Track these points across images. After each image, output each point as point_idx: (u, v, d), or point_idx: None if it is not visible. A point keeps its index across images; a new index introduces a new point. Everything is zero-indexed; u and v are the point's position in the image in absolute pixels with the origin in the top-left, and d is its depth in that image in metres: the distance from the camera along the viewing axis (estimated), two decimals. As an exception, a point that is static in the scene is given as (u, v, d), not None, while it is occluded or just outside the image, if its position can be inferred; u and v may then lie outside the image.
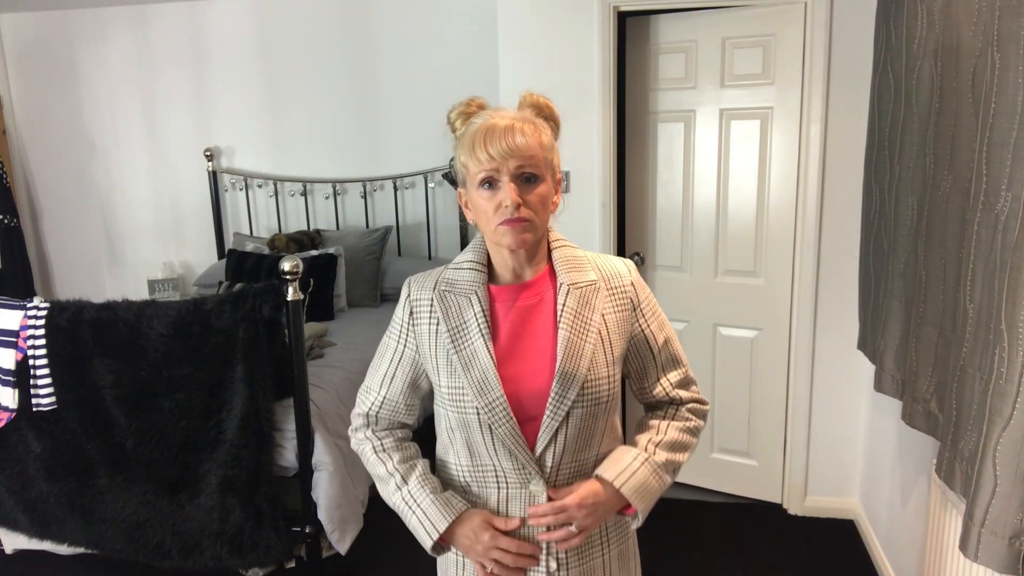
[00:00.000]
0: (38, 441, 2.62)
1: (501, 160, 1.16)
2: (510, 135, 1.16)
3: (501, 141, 1.15)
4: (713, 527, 3.10)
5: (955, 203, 1.75)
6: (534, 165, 1.18)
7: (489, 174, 1.18)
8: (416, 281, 1.32)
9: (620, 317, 1.28)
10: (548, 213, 1.24)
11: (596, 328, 1.25)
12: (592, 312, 1.25)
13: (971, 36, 1.64)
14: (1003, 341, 1.40)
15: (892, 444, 2.62)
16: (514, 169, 1.17)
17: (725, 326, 3.23)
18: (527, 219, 1.18)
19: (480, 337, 1.24)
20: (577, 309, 1.24)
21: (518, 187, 1.17)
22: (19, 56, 4.71)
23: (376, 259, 4.12)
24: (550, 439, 1.22)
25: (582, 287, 1.26)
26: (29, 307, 2.56)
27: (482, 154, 1.16)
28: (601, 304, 1.26)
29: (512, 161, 1.16)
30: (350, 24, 4.32)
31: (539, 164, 1.19)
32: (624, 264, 1.33)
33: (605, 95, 3.04)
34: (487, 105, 1.26)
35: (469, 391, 1.22)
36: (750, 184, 3.07)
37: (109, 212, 4.86)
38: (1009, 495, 1.39)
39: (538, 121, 1.22)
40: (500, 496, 1.28)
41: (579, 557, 1.31)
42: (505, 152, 1.15)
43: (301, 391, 2.52)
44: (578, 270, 1.27)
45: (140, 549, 2.60)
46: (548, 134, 1.23)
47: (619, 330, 1.28)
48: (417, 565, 2.86)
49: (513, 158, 1.16)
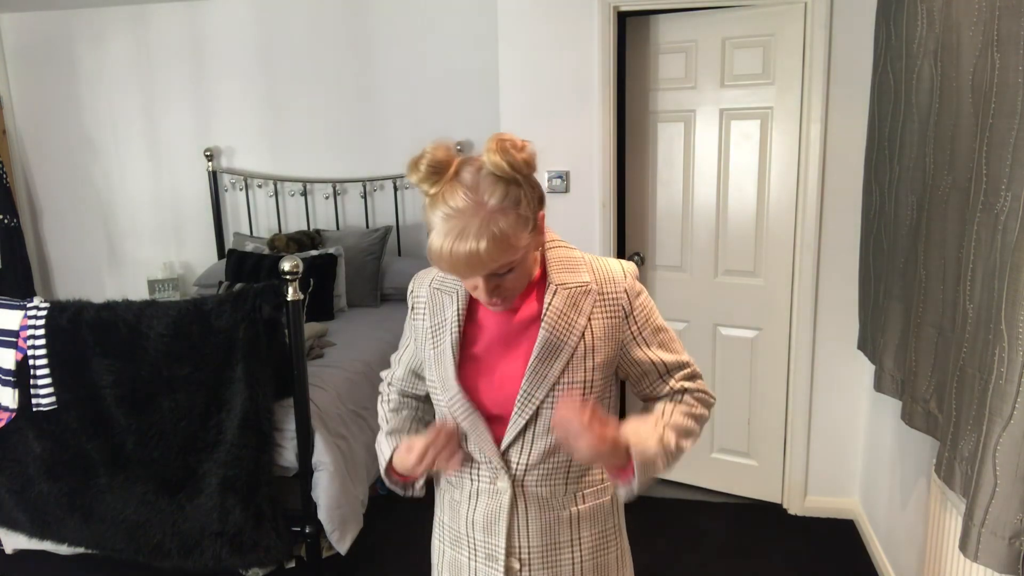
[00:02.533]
0: (38, 441, 2.62)
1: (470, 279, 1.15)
2: (472, 265, 1.08)
3: (465, 271, 1.10)
4: (713, 527, 3.10)
5: (955, 203, 1.75)
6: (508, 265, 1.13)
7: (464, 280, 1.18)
8: (418, 276, 1.38)
9: (609, 323, 1.25)
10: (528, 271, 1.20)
11: (580, 331, 1.22)
12: (579, 315, 1.22)
13: (971, 36, 1.64)
14: (1003, 341, 1.40)
15: (892, 444, 2.62)
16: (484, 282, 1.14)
17: (725, 326, 3.23)
18: (503, 299, 1.18)
19: (450, 336, 1.26)
20: (563, 310, 1.22)
21: (490, 281, 1.14)
22: (19, 56, 4.71)
23: (376, 259, 4.12)
24: (516, 435, 1.23)
25: (571, 288, 1.23)
26: (29, 307, 2.56)
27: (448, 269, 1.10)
28: (590, 307, 1.23)
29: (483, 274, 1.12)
30: (350, 24, 4.32)
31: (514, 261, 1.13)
32: (623, 268, 1.28)
33: (605, 95, 3.04)
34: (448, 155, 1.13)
35: (438, 385, 1.28)
36: (750, 184, 3.08)
37: (109, 212, 4.86)
38: (1009, 495, 1.39)
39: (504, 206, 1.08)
40: (471, 488, 1.30)
41: (543, 559, 1.30)
42: (470, 277, 1.13)
43: (301, 391, 2.52)
44: (570, 271, 1.25)
45: (140, 549, 2.59)
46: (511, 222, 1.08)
47: (606, 336, 1.24)
48: (417, 565, 2.86)
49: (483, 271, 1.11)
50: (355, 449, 2.81)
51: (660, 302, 3.32)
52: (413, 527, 3.13)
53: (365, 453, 2.90)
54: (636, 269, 1.30)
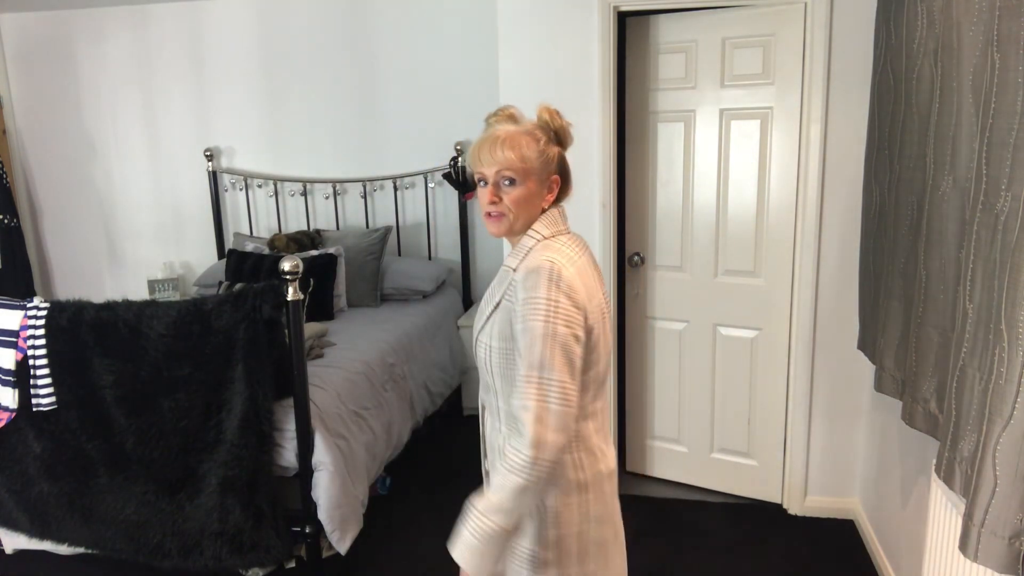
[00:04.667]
0: (38, 441, 2.62)
1: (487, 166, 1.43)
2: (496, 147, 1.41)
3: (489, 152, 1.41)
4: (713, 527, 3.10)
5: (955, 203, 1.75)
6: (513, 172, 1.41)
7: (480, 175, 1.45)
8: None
9: (507, 305, 1.43)
10: (529, 209, 1.45)
11: (495, 303, 1.46)
12: (499, 291, 1.46)
13: (971, 36, 1.64)
14: (1003, 341, 1.40)
15: (892, 444, 2.62)
16: (494, 175, 1.42)
17: (725, 326, 3.23)
18: (501, 214, 1.44)
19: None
20: (496, 284, 1.50)
21: (499, 188, 1.43)
22: (19, 56, 4.71)
23: (376, 259, 4.12)
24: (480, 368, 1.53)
25: (506, 269, 1.48)
26: (29, 307, 2.56)
27: (475, 160, 1.44)
28: (505, 288, 1.44)
29: (494, 168, 1.42)
30: (350, 24, 4.32)
31: (518, 171, 1.41)
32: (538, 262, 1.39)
33: (605, 95, 3.04)
34: (517, 115, 1.48)
35: None
36: (750, 184, 3.07)
37: (109, 212, 4.86)
38: (1009, 495, 1.39)
39: (537, 133, 1.44)
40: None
41: None
42: (488, 161, 1.42)
43: (301, 391, 2.52)
44: (515, 256, 1.47)
45: (140, 549, 2.59)
46: (539, 146, 1.43)
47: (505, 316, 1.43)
48: (417, 565, 2.86)
49: (495, 165, 1.41)
50: (355, 449, 2.81)
51: (660, 302, 3.32)
52: (413, 527, 3.13)
53: (365, 453, 2.90)
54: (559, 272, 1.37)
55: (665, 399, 3.40)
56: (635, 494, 3.36)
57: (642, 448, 3.51)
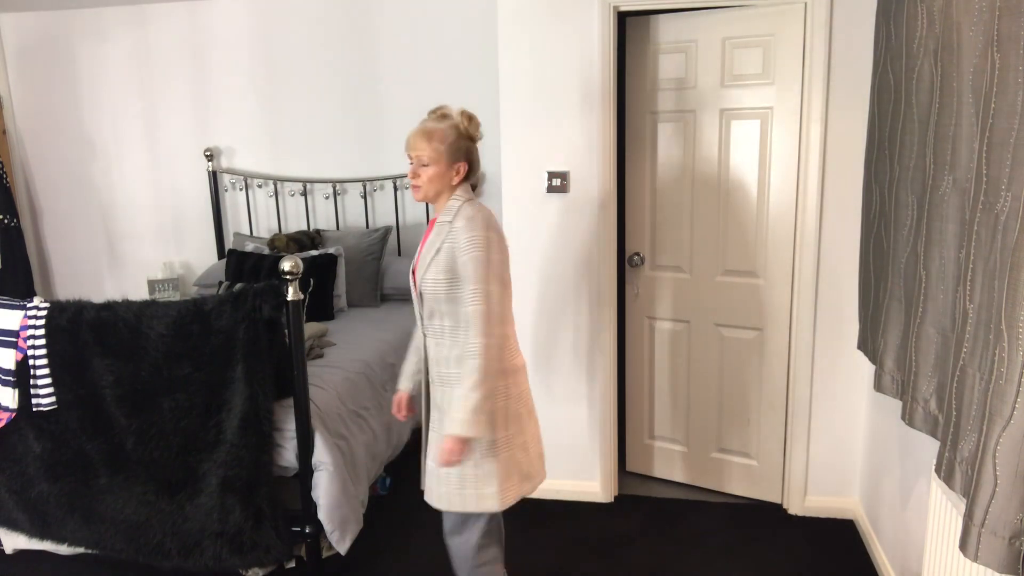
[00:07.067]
0: (38, 441, 2.62)
1: (410, 151, 1.99)
2: (418, 138, 1.97)
3: (413, 140, 1.98)
4: (713, 527, 3.10)
5: (955, 203, 1.75)
6: (427, 157, 1.97)
7: (408, 156, 2.01)
8: None
9: (448, 247, 1.96)
10: (438, 185, 1.99)
11: (436, 249, 1.98)
12: (439, 239, 1.98)
13: (971, 36, 1.64)
14: (1003, 341, 1.40)
15: (892, 444, 2.62)
16: (415, 158, 1.99)
17: (726, 326, 3.23)
18: (417, 186, 2.00)
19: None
20: (433, 237, 2.01)
21: (416, 168, 1.99)
22: (19, 56, 4.72)
23: (376, 259, 4.12)
24: (419, 301, 2.08)
25: (442, 223, 2.00)
26: (29, 307, 2.56)
27: (406, 144, 2.00)
28: (445, 236, 1.97)
29: (414, 152, 1.99)
30: (350, 24, 4.32)
31: (426, 156, 1.97)
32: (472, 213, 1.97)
33: (605, 95, 3.04)
34: (448, 112, 2.03)
35: None
36: (750, 184, 3.08)
37: (109, 212, 4.86)
38: (1009, 495, 1.39)
39: (452, 129, 1.99)
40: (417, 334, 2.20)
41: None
42: (411, 147, 1.99)
43: (301, 391, 2.52)
44: (447, 214, 1.99)
45: (140, 549, 2.60)
46: (451, 140, 1.98)
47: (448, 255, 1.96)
48: (417, 565, 2.86)
49: (414, 151, 1.98)
50: (355, 449, 2.81)
51: (661, 302, 3.32)
52: (413, 527, 3.13)
53: (365, 453, 2.90)
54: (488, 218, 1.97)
55: (665, 399, 3.40)
56: (635, 494, 3.37)
57: (642, 448, 3.51)
